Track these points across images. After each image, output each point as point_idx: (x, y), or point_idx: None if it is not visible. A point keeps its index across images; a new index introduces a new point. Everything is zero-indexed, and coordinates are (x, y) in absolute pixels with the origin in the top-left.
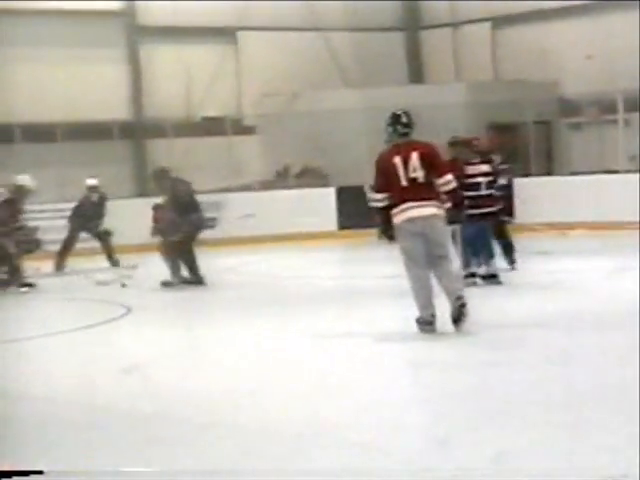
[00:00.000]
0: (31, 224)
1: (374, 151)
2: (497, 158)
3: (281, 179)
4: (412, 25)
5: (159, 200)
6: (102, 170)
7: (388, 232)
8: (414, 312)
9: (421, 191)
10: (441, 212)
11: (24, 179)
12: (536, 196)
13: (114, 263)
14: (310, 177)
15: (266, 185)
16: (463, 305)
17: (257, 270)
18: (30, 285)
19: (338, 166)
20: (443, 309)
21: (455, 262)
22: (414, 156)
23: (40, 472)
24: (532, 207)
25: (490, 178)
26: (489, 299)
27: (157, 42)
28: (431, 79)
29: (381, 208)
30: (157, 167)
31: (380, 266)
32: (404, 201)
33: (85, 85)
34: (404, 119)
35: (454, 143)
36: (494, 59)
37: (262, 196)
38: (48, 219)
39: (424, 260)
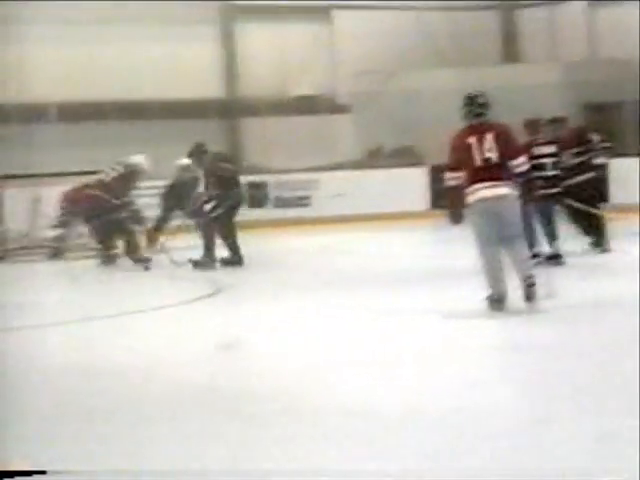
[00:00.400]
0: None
1: None
2: (596, 137)
3: (374, 158)
4: (508, 4)
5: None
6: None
7: (457, 212)
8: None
9: (495, 171)
10: (514, 192)
11: (138, 159)
12: (631, 177)
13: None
14: (403, 156)
15: (358, 164)
16: (533, 284)
17: (349, 249)
18: (149, 260)
19: (431, 146)
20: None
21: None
22: (489, 137)
23: (43, 472)
24: (627, 188)
25: (555, 159)
26: (582, 280)
27: (252, 20)
28: (526, 59)
29: (452, 187)
30: (195, 143)
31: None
32: (478, 181)
33: (179, 63)
34: (480, 100)
35: (531, 123)
36: (590, 38)
37: (354, 175)
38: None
39: (496, 239)
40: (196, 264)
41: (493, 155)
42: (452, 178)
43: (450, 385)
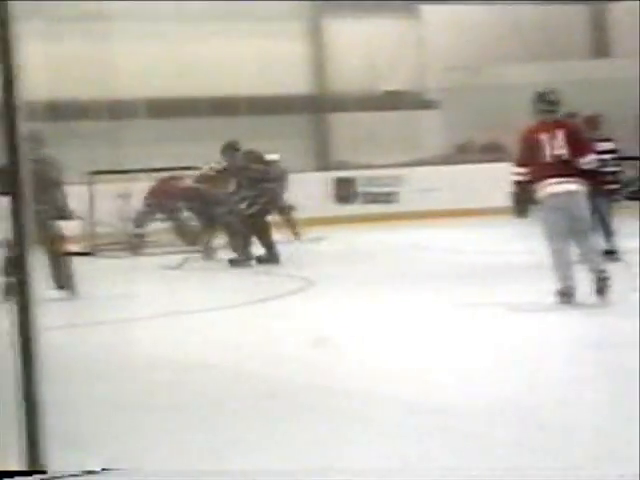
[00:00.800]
0: None
1: None
2: None
3: (463, 153)
4: None
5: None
6: (284, 144)
7: (522, 206)
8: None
9: (565, 168)
10: (583, 188)
11: (273, 158)
12: None
13: (297, 237)
14: (491, 152)
15: (446, 159)
16: (606, 277)
17: (438, 245)
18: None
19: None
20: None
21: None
22: (560, 134)
23: (43, 472)
24: None
25: (615, 155)
26: None
27: (340, 16)
28: (615, 52)
29: (520, 182)
30: (228, 141)
31: None
32: (548, 177)
33: (268, 59)
34: (550, 97)
35: (591, 119)
36: None
37: (442, 171)
38: None
39: (565, 234)
40: (232, 262)
41: (564, 152)
42: (520, 173)
43: (548, 381)
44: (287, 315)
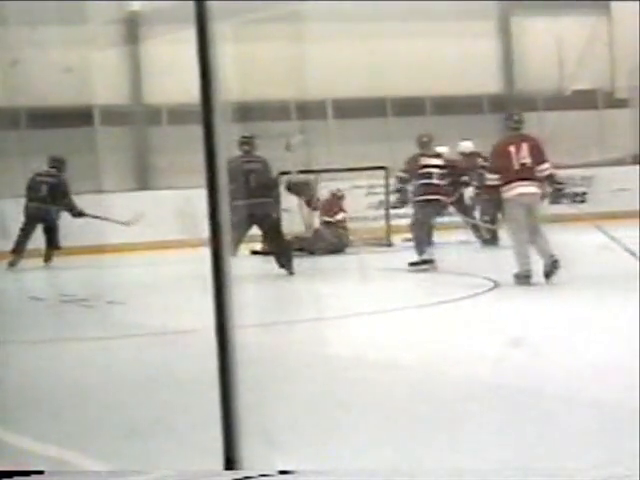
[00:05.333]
0: None
1: None
2: None
3: None
4: None
5: None
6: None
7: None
8: None
9: (528, 174)
10: (540, 190)
11: (467, 146)
12: None
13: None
14: None
15: (637, 159)
16: (556, 261)
17: (627, 246)
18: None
19: None
20: None
21: None
22: (524, 146)
23: (41, 472)
24: None
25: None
26: None
27: (528, 14)
28: None
29: (493, 186)
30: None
31: None
32: (515, 180)
33: (456, 58)
34: (516, 117)
35: None
36: None
37: (633, 170)
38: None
39: (526, 227)
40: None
41: (527, 161)
42: (492, 179)
43: None
44: (477, 315)
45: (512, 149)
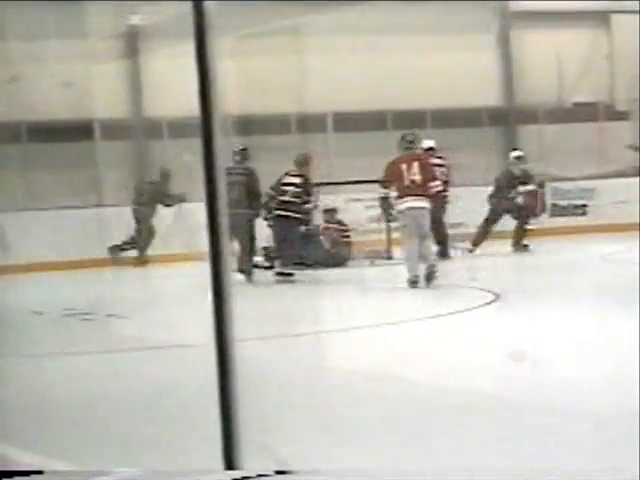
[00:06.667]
0: None
1: None
2: None
3: None
4: None
5: None
6: (471, 157)
7: (389, 215)
8: None
9: (417, 189)
10: (428, 205)
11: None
12: None
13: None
14: None
15: (638, 171)
16: (434, 271)
17: (628, 258)
18: None
19: None
20: None
21: None
22: (415, 164)
23: (40, 472)
24: None
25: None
26: None
27: (528, 27)
28: None
29: (386, 198)
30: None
31: None
32: (406, 195)
33: (456, 71)
34: (409, 138)
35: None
36: None
37: (635, 183)
38: None
39: (416, 237)
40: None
41: (417, 178)
42: (384, 192)
43: None
44: (479, 328)
45: (404, 167)
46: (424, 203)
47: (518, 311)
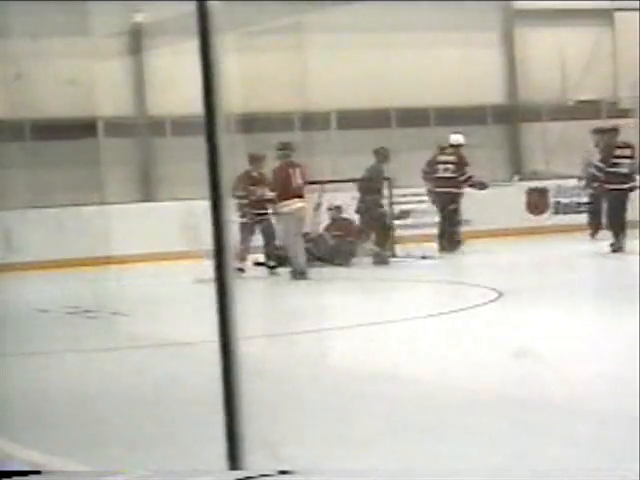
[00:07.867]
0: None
1: None
2: None
3: None
4: None
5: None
6: (475, 155)
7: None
8: None
9: (300, 191)
10: (306, 205)
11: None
12: None
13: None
14: None
15: None
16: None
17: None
18: None
19: None
20: None
21: None
22: (297, 170)
23: (38, 472)
24: None
25: None
26: None
27: (531, 25)
28: None
29: (269, 199)
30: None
31: None
32: (292, 197)
33: (460, 69)
34: (287, 146)
35: None
36: None
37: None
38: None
39: (299, 234)
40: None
41: (299, 182)
42: (270, 195)
43: None
44: (482, 325)
45: (291, 172)
46: (304, 204)
47: (519, 308)
